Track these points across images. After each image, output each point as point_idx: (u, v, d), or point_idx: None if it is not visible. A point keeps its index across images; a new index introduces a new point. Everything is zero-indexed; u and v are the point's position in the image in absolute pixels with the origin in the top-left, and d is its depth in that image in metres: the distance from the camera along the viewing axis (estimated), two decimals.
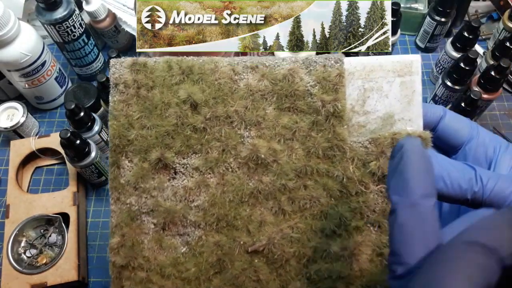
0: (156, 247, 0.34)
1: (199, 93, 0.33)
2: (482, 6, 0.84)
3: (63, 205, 0.64)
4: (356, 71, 0.33)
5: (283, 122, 0.33)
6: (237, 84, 0.33)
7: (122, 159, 0.34)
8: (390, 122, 0.33)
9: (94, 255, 0.64)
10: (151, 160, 0.33)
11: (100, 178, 0.67)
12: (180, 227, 0.34)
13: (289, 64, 0.33)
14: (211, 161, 0.33)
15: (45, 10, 0.65)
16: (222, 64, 0.33)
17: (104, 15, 0.74)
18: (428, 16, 0.74)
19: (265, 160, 0.33)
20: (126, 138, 0.34)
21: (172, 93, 0.33)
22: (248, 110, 0.33)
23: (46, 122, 0.76)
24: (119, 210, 0.34)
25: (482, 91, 0.65)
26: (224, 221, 0.33)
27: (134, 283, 0.34)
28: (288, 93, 0.33)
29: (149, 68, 0.34)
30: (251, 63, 0.34)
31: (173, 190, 0.34)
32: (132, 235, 0.34)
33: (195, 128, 0.33)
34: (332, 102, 0.32)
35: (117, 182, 0.34)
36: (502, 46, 0.68)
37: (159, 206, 0.34)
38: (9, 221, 0.62)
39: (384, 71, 0.33)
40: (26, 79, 0.68)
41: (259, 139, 0.33)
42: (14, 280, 0.58)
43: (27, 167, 0.70)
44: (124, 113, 0.34)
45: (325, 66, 0.33)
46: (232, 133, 0.33)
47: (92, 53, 0.75)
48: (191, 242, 0.34)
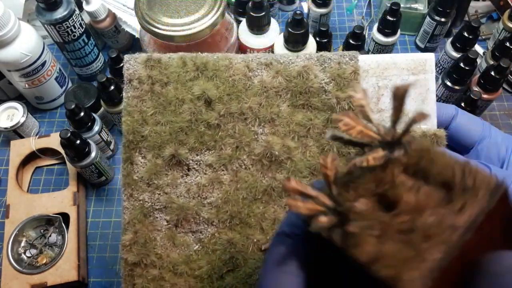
0: (169, 244, 0.34)
1: (213, 90, 0.33)
2: (482, 6, 0.84)
3: (63, 205, 0.63)
4: (370, 69, 0.33)
5: (297, 119, 0.33)
6: (251, 80, 0.33)
7: (136, 155, 0.34)
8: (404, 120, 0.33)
9: (94, 255, 0.64)
10: (165, 157, 0.33)
11: (100, 178, 0.67)
12: (193, 224, 0.34)
13: (303, 61, 0.33)
14: (225, 158, 0.33)
15: (45, 10, 0.65)
16: (237, 61, 0.33)
17: (104, 15, 0.74)
18: (428, 16, 0.74)
19: (279, 157, 0.33)
20: (140, 134, 0.34)
21: (186, 89, 0.33)
22: (262, 107, 0.33)
23: (46, 122, 0.76)
24: (132, 206, 0.34)
25: (482, 91, 0.65)
26: (237, 218, 0.33)
27: (146, 280, 0.34)
28: (302, 90, 0.33)
29: (163, 64, 0.34)
30: (265, 59, 0.33)
31: (186, 186, 0.34)
32: (144, 232, 0.34)
33: (209, 124, 0.33)
34: (347, 99, 0.32)
35: (130, 178, 0.34)
36: (502, 46, 0.68)
37: (172, 203, 0.33)
38: (9, 221, 0.62)
39: (398, 69, 0.33)
40: (26, 79, 0.68)
41: (273, 136, 0.33)
42: (14, 280, 0.58)
43: (27, 167, 0.70)
44: (138, 109, 0.34)
45: (339, 63, 0.33)
46: (246, 130, 0.33)
47: (92, 53, 0.74)
48: (204, 240, 0.34)
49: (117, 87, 0.63)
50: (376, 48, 0.74)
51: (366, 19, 0.85)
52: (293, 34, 0.63)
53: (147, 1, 0.58)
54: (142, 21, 0.57)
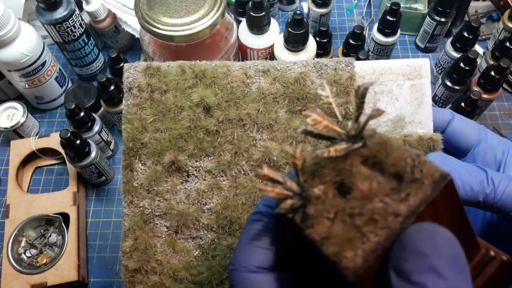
0: (169, 251, 0.34)
1: (212, 97, 0.33)
2: (482, 6, 0.84)
3: (63, 205, 0.63)
4: (366, 74, 0.33)
5: (295, 124, 0.33)
6: (249, 87, 0.34)
7: (136, 162, 0.34)
8: (401, 125, 0.33)
9: (94, 255, 0.64)
10: (164, 163, 0.34)
11: (100, 178, 0.67)
12: (193, 230, 0.34)
13: (300, 68, 0.34)
14: (224, 164, 0.34)
15: (45, 10, 0.65)
16: (235, 68, 0.34)
17: (104, 15, 0.74)
18: (428, 16, 0.74)
19: (277, 163, 0.33)
20: (140, 141, 0.34)
21: (186, 97, 0.34)
22: (260, 113, 0.33)
23: (46, 122, 0.76)
24: (132, 213, 0.34)
25: (482, 91, 0.66)
26: (237, 224, 0.33)
27: (147, 286, 0.34)
28: (299, 96, 0.33)
29: (162, 72, 0.34)
30: (263, 66, 0.34)
31: (186, 193, 0.34)
32: (145, 238, 0.34)
33: (208, 131, 0.34)
34: (344, 105, 0.32)
35: (130, 185, 0.34)
36: (502, 46, 0.68)
37: (172, 209, 0.34)
38: (9, 221, 0.62)
39: (394, 75, 0.33)
40: (26, 79, 0.68)
41: (271, 142, 0.33)
42: (14, 280, 0.58)
43: (27, 167, 0.70)
44: (138, 117, 0.34)
45: (336, 69, 0.33)
46: (245, 136, 0.33)
47: (92, 53, 0.74)
48: (204, 245, 0.34)
49: (117, 87, 0.63)
50: (376, 48, 0.74)
51: (366, 19, 0.85)
52: (293, 34, 0.63)
53: (147, 1, 0.58)
54: (142, 21, 0.57)
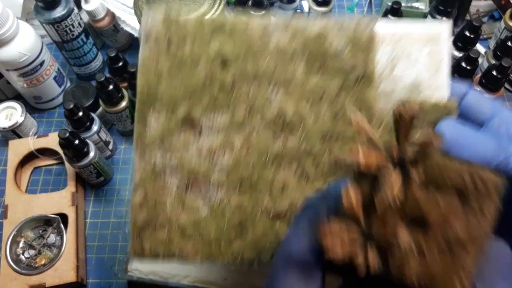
0: (178, 208, 0.33)
1: (229, 51, 0.33)
2: (483, 5, 0.83)
3: (61, 205, 0.63)
4: (386, 37, 0.33)
5: (312, 84, 0.32)
6: (268, 43, 0.33)
7: (148, 116, 0.33)
8: (417, 90, 0.33)
9: (92, 256, 0.64)
10: (177, 119, 0.33)
11: (99, 179, 0.66)
12: (203, 188, 0.33)
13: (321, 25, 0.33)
14: (237, 121, 0.33)
15: (44, 9, 0.65)
16: (254, 23, 0.33)
17: (103, 14, 0.73)
18: (429, 15, 0.74)
19: (291, 122, 0.32)
20: (153, 95, 0.33)
21: (202, 51, 0.33)
22: (277, 70, 0.33)
23: (45, 122, 0.75)
24: (142, 169, 0.33)
25: (483, 90, 0.65)
26: (247, 183, 0.33)
27: (155, 243, 0.33)
28: (318, 54, 0.32)
29: (180, 24, 0.33)
30: (283, 22, 0.33)
31: (197, 150, 0.33)
32: (154, 194, 0.33)
33: (223, 87, 0.33)
34: (362, 66, 0.32)
35: (141, 139, 0.33)
36: (503, 45, 0.68)
37: (182, 166, 0.33)
38: (7, 222, 0.62)
39: (413, 39, 0.33)
40: (25, 79, 0.68)
41: (286, 101, 0.33)
42: (12, 281, 0.58)
43: (26, 167, 0.70)
44: (153, 69, 0.33)
45: (356, 29, 0.32)
46: (260, 94, 0.33)
47: (91, 52, 0.74)
48: (213, 204, 0.33)
49: (116, 86, 0.63)
50: None
51: None
52: None
53: (146, 0, 0.57)
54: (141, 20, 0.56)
